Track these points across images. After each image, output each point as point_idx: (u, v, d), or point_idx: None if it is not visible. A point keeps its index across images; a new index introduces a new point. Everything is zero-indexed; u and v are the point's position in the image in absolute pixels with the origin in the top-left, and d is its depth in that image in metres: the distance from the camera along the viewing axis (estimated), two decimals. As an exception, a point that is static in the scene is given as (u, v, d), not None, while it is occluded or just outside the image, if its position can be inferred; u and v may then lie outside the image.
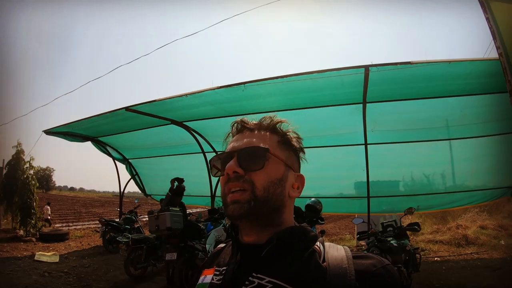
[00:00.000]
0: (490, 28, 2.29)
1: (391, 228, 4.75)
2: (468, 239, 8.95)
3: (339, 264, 0.68)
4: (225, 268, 0.78)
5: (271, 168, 0.77)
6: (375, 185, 6.82)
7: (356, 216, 6.84)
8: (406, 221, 6.42)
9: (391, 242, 4.30)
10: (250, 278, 0.71)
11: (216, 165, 0.85)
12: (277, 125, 0.82)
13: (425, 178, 7.27)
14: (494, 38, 2.18)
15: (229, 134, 0.88)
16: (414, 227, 4.66)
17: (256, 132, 0.82)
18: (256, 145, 0.78)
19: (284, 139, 0.82)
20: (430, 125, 6.18)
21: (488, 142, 6.40)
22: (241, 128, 0.84)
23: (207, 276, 0.81)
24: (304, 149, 0.88)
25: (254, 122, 0.84)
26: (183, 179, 6.02)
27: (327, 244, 0.77)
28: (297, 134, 0.86)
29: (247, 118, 0.85)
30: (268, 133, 0.82)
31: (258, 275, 0.71)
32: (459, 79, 4.70)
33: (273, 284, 0.68)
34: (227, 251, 0.85)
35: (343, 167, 7.30)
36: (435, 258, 7.65)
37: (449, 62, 4.12)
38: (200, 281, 0.82)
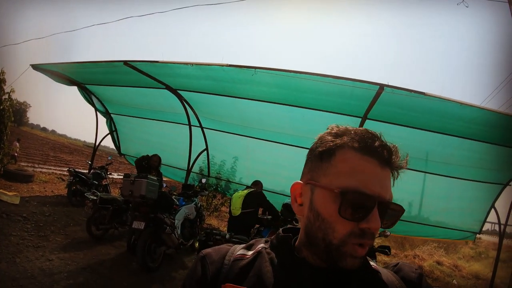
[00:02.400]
0: None
1: (360, 246, 4.77)
2: (424, 271, 9.21)
3: (393, 282, 0.68)
4: None
5: None
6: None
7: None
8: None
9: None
10: None
11: (349, 203, 0.62)
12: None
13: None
14: None
15: (342, 136, 0.68)
16: (385, 251, 4.69)
17: (388, 170, 0.66)
18: (400, 207, 0.67)
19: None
20: (413, 155, 6.26)
21: (465, 185, 6.59)
22: (379, 152, 0.65)
23: None
24: (293, 147, 0.77)
25: (388, 151, 0.66)
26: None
27: None
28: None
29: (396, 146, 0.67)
30: (391, 176, 0.68)
31: None
32: (461, 121, 4.76)
33: None
34: (265, 266, 0.70)
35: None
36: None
37: (461, 104, 4.13)
38: None
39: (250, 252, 0.75)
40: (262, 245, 0.77)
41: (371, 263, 0.72)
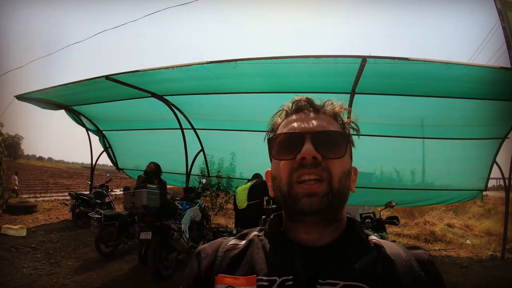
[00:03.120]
0: (506, 37, 2.23)
1: (369, 220, 4.77)
2: (436, 235, 9.27)
3: (400, 256, 0.67)
4: (289, 277, 0.63)
5: (346, 160, 0.70)
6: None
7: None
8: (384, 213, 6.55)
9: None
10: (318, 286, 0.61)
11: (282, 146, 0.70)
12: (344, 113, 0.76)
13: (395, 173, 7.43)
14: (508, 48, 2.13)
15: (281, 111, 0.79)
16: (394, 221, 4.70)
17: (321, 115, 0.73)
18: (336, 130, 0.71)
19: (344, 128, 0.74)
20: (408, 122, 6.27)
21: (463, 145, 6.58)
22: (306, 106, 0.75)
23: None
24: None
25: (327, 106, 0.75)
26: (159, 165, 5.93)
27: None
28: (357, 125, 0.78)
29: (328, 99, 0.76)
30: (334, 121, 0.74)
31: (328, 281, 0.61)
32: (449, 81, 4.73)
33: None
34: (257, 252, 0.71)
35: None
36: (404, 252, 7.87)
37: (446, 63, 4.09)
38: None
39: (243, 242, 0.75)
40: (255, 233, 0.78)
41: (373, 237, 0.71)
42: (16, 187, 14.35)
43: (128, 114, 7.95)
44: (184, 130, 8.14)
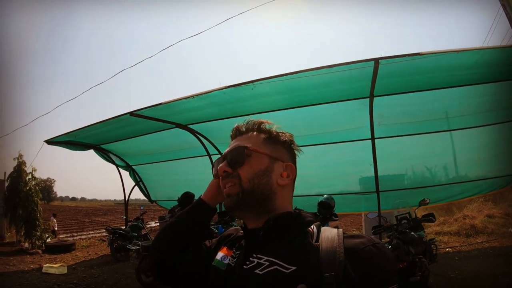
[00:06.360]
0: (507, 15, 2.25)
1: (405, 221, 4.72)
2: (477, 228, 8.97)
3: (330, 243, 0.75)
4: (238, 252, 0.88)
5: (254, 162, 0.87)
6: (381, 179, 6.72)
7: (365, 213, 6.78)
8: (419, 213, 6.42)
9: (411, 233, 4.28)
10: (251, 258, 0.80)
11: (215, 168, 0.98)
12: (261, 125, 0.94)
13: (427, 171, 7.25)
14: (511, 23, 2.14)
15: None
16: (430, 218, 4.63)
17: (244, 134, 0.95)
18: (239, 145, 0.90)
19: (269, 136, 0.93)
20: (431, 117, 6.14)
21: (490, 131, 6.36)
22: (235, 132, 0.97)
23: (227, 257, 0.89)
24: (310, 146, 1.00)
25: (246, 125, 0.96)
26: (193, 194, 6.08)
27: (324, 228, 0.84)
28: (281, 130, 0.97)
29: (250, 119, 0.97)
30: (255, 133, 0.94)
31: (258, 255, 0.80)
32: (464, 69, 4.66)
33: (269, 262, 0.76)
34: (239, 235, 0.95)
35: (349, 163, 7.21)
36: (447, 249, 7.65)
37: (457, 52, 4.07)
38: (219, 257, 0.90)
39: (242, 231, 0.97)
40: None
41: (313, 227, 0.84)
42: (56, 228, 14.88)
43: (155, 146, 8.20)
44: (212, 156, 8.27)
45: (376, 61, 4.10)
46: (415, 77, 4.82)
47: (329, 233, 0.79)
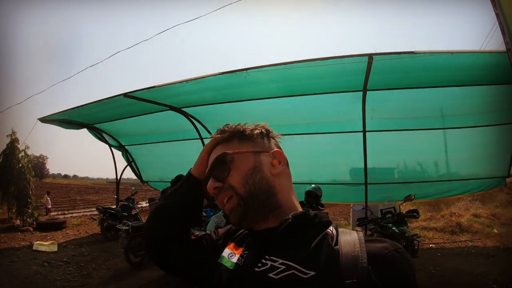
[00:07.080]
0: (500, 24, 2.27)
1: (389, 215, 4.82)
2: (462, 226, 9.13)
3: (351, 247, 0.70)
4: (246, 252, 0.83)
5: (240, 164, 0.83)
6: (370, 172, 6.82)
7: (352, 204, 6.86)
8: (404, 208, 6.52)
9: (393, 228, 4.37)
10: (263, 260, 0.74)
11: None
12: (232, 132, 0.89)
13: (418, 166, 7.32)
14: (503, 33, 2.16)
15: None
16: (413, 214, 4.73)
17: (218, 146, 0.90)
18: (217, 155, 0.85)
19: (242, 134, 0.89)
20: (426, 114, 6.20)
21: (483, 132, 6.43)
22: (210, 148, 0.92)
23: (235, 255, 0.84)
24: (302, 135, 0.96)
25: (219, 139, 0.91)
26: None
27: (340, 229, 0.79)
28: (250, 125, 0.93)
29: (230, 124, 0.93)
30: (229, 139, 0.89)
31: (271, 258, 0.74)
32: (459, 70, 4.69)
33: (286, 266, 0.70)
34: (244, 233, 0.90)
35: (340, 153, 7.25)
36: (430, 245, 7.80)
37: (452, 53, 4.09)
38: (226, 254, 0.86)
39: None
40: None
41: (330, 229, 0.78)
42: (48, 206, 14.95)
43: (149, 128, 8.19)
44: (204, 140, 8.29)
45: (370, 56, 4.11)
46: (409, 74, 4.84)
47: (348, 237, 0.74)
